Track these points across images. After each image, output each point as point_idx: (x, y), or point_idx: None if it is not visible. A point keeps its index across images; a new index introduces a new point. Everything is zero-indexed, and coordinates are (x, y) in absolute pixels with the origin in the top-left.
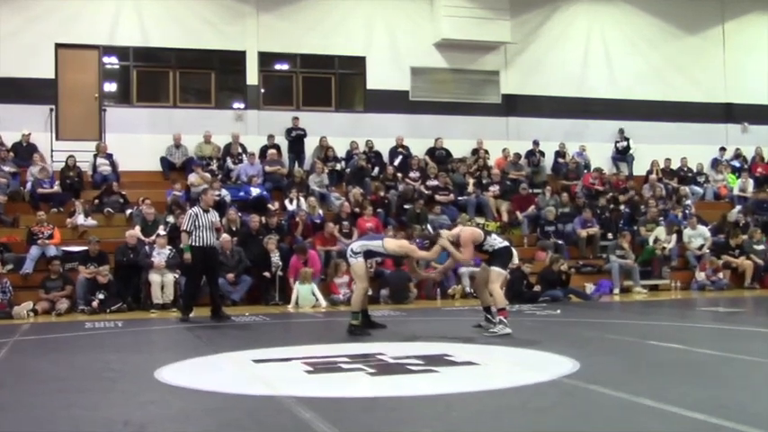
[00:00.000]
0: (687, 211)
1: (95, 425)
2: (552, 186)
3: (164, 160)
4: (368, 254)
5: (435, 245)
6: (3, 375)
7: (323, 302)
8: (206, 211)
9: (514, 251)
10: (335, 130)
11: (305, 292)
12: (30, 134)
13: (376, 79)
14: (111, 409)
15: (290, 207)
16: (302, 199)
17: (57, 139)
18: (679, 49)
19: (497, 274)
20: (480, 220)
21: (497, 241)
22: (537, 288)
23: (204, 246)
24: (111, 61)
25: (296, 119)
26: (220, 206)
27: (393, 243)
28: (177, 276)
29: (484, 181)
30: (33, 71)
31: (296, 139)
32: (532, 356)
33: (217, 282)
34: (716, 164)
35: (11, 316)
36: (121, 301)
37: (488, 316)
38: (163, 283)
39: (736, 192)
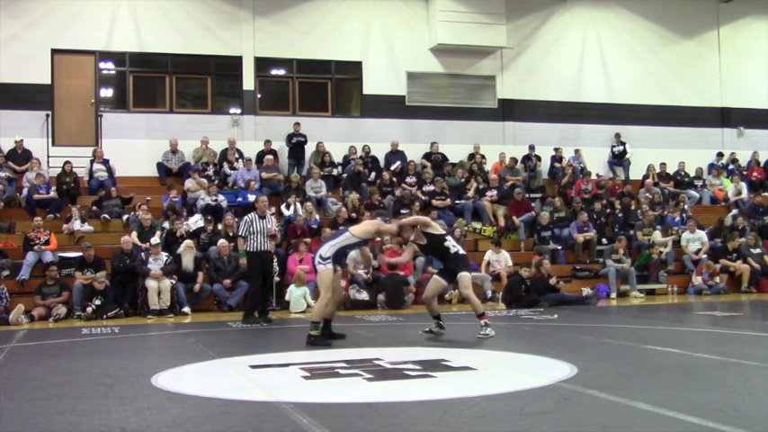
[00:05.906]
0: (684, 215)
1: (92, 431)
2: (549, 191)
3: (160, 166)
4: (341, 253)
5: (408, 246)
6: (0, 382)
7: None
8: (262, 217)
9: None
10: (332, 136)
11: (297, 296)
12: (22, 140)
13: (372, 84)
14: (107, 415)
15: (287, 212)
16: (299, 204)
17: (53, 144)
18: (674, 53)
19: (468, 279)
20: (477, 225)
21: (459, 246)
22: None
23: (259, 251)
24: (108, 67)
25: (297, 125)
26: (217, 211)
27: (359, 228)
28: (174, 282)
29: (480, 186)
30: (29, 77)
31: (296, 145)
32: (530, 361)
33: (270, 285)
34: (713, 168)
35: (8, 322)
36: (118, 307)
37: (440, 323)
38: (160, 288)
39: (730, 195)
